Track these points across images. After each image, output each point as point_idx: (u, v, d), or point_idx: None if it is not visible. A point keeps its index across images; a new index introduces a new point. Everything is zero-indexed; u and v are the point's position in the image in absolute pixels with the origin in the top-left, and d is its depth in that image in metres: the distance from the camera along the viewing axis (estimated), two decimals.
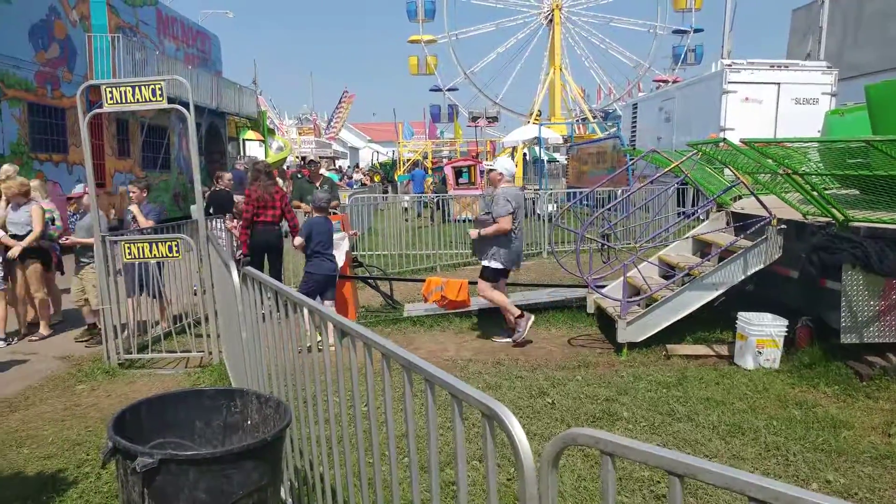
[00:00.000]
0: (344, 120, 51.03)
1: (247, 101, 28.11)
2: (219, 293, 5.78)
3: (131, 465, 2.22)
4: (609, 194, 13.45)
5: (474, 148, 34.75)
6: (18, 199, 7.34)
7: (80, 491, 3.84)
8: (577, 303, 7.89)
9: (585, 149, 20.92)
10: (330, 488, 2.76)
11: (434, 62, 41.48)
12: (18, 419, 5.09)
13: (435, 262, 12.00)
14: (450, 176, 20.43)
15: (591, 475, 3.87)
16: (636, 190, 10.01)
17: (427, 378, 1.89)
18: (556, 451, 1.52)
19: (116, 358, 6.35)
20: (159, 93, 6.04)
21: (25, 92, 15.33)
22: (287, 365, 3.13)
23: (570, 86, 38.26)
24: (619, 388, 5.32)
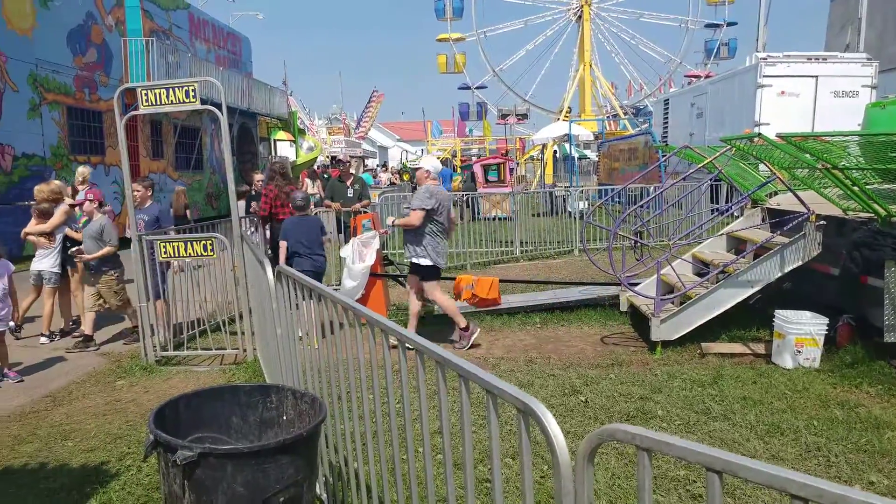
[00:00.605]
0: (373, 119, 51.26)
1: (277, 102, 28.42)
2: (253, 291, 5.86)
3: (172, 458, 2.27)
4: (641, 191, 13.32)
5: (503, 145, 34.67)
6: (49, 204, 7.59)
7: (122, 483, 3.93)
8: (609, 301, 7.82)
9: (616, 145, 20.73)
10: (365, 485, 2.78)
11: (462, 60, 41.43)
12: (63, 413, 5.22)
13: (465, 261, 12.00)
14: (479, 174, 20.40)
15: (625, 473, 3.83)
16: (669, 187, 9.89)
17: (461, 374, 1.89)
18: (593, 447, 1.52)
19: (153, 355, 6.47)
20: (192, 94, 6.14)
21: (64, 96, 15.70)
22: (321, 361, 3.16)
23: (600, 82, 37.92)
24: (652, 387, 5.26)
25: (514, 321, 7.54)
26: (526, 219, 13.91)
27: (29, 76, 14.53)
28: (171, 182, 19.52)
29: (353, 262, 7.74)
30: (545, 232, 13.43)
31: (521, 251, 12.89)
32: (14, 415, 5.22)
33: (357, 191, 10.07)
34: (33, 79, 14.66)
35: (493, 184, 19.97)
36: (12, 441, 4.67)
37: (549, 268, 11.47)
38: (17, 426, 4.97)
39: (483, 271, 10.91)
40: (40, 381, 6.05)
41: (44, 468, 4.20)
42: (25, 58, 14.40)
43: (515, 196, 14.46)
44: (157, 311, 6.77)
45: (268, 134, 29.27)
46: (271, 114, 27.70)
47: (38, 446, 4.56)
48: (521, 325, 7.42)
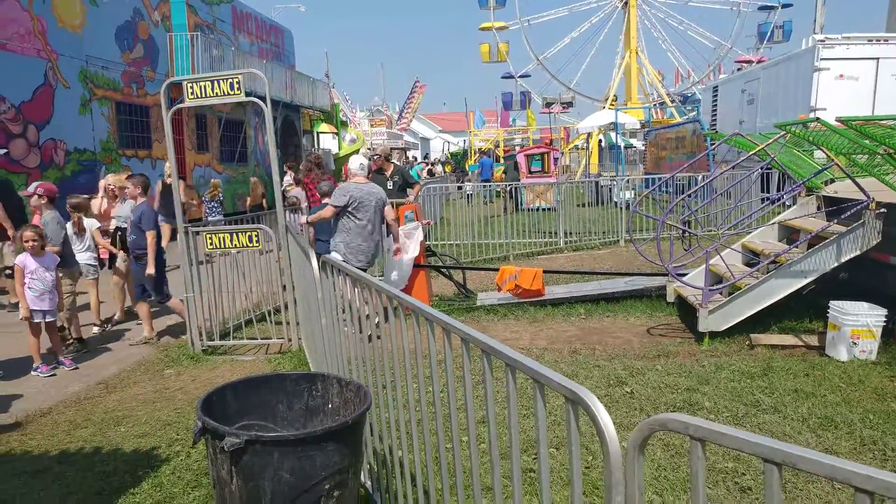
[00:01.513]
0: (415, 110, 51.35)
1: (320, 94, 28.66)
2: (298, 281, 5.92)
3: (220, 445, 2.29)
4: (689, 180, 13.04)
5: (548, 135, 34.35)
6: (124, 195, 7.83)
7: (172, 468, 4.02)
8: (656, 292, 7.67)
9: (663, 134, 20.32)
10: (409, 473, 2.78)
11: (506, 49, 41.06)
12: (115, 400, 5.37)
13: (508, 251, 11.94)
14: (522, 164, 20.26)
15: (671, 465, 3.76)
16: (718, 175, 9.63)
17: (508, 363, 1.86)
18: (644, 437, 1.47)
19: (200, 344, 6.60)
20: (237, 86, 6.21)
21: (113, 91, 16.11)
22: (366, 350, 3.16)
23: (647, 69, 37.15)
24: (700, 378, 5.15)
25: (557, 312, 7.46)
26: (570, 209, 13.75)
27: (79, 73, 14.94)
28: (216, 175, 19.88)
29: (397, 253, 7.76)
30: (590, 222, 13.27)
31: (566, 242, 12.76)
32: (70, 401, 5.38)
33: (397, 182, 10.03)
34: (84, 75, 15.06)
35: (536, 174, 19.80)
36: (69, 426, 4.82)
37: (593, 258, 11.33)
38: (73, 411, 5.12)
39: (526, 262, 10.84)
40: (93, 369, 6.23)
41: (99, 452, 4.32)
42: (76, 55, 14.81)
43: (560, 186, 14.33)
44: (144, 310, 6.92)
45: (311, 126, 29.57)
46: (314, 106, 27.94)
47: (93, 431, 4.70)
48: (566, 316, 7.34)
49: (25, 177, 13.05)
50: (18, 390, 5.70)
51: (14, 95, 13.06)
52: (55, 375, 6.04)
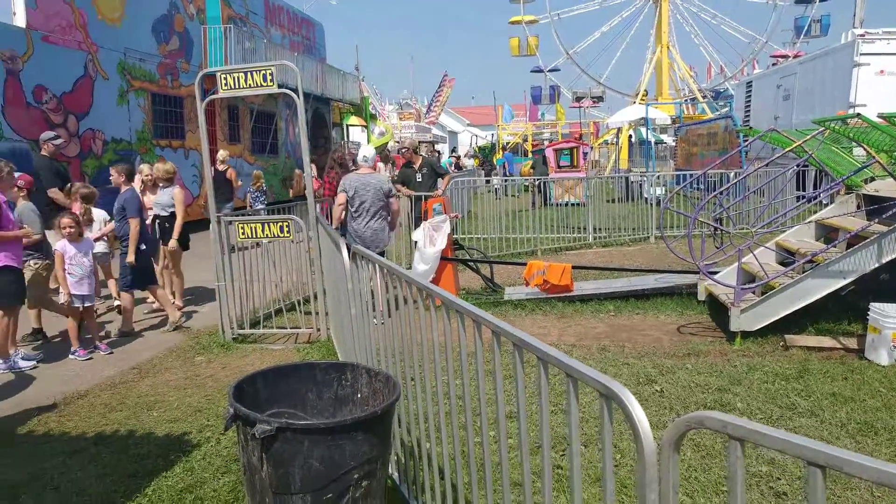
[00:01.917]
0: (444, 104, 51.28)
1: (350, 87, 28.76)
2: (328, 271, 5.95)
3: (251, 432, 2.32)
4: (721, 177, 12.84)
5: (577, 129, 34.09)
6: (163, 183, 7.92)
7: (202, 453, 4.08)
8: (686, 289, 7.58)
9: (695, 130, 20.03)
10: (437, 467, 2.78)
11: (535, 43, 40.78)
12: (148, 385, 5.46)
13: (536, 246, 11.88)
14: (551, 158, 20.13)
15: (703, 466, 3.71)
16: (751, 172, 9.47)
17: (540, 357, 1.85)
18: (679, 434, 1.45)
19: (231, 333, 6.68)
20: (270, 78, 6.25)
21: (149, 83, 16.34)
22: (395, 341, 3.16)
23: (679, 64, 36.61)
24: (731, 378, 5.07)
25: (586, 308, 7.41)
26: (600, 204, 13.64)
27: (118, 65, 15.18)
28: (248, 166, 20.08)
29: (425, 245, 7.78)
30: (620, 218, 13.14)
31: (595, 237, 12.67)
32: (105, 384, 5.49)
33: (426, 174, 10.00)
34: (122, 67, 15.31)
35: (565, 168, 19.66)
36: (104, 409, 4.92)
37: (623, 255, 11.23)
38: (108, 395, 5.23)
39: (555, 257, 10.78)
40: (127, 354, 6.34)
41: (132, 435, 4.40)
42: (115, 47, 15.05)
43: (589, 181, 14.21)
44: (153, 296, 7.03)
45: (340, 119, 29.69)
46: (344, 99, 28.05)
47: (127, 414, 4.79)
48: (594, 312, 7.28)
49: (65, 166, 13.31)
50: (57, 373, 5.83)
51: (56, 86, 13.33)
52: (91, 359, 6.17)
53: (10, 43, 12.26)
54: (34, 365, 5.98)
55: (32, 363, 5.98)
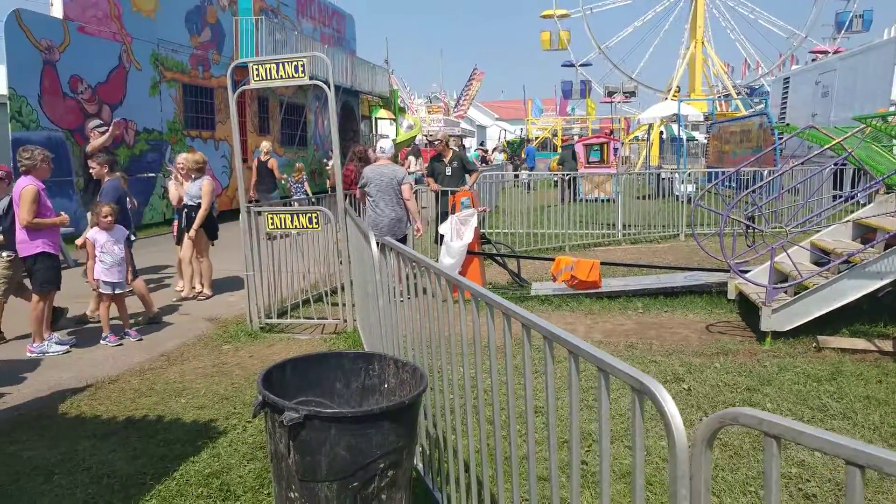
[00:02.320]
0: (473, 98, 51.12)
1: (379, 80, 28.82)
2: (355, 263, 5.97)
3: (279, 419, 2.33)
4: (754, 175, 12.62)
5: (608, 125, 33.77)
6: (195, 174, 8.04)
7: (229, 440, 4.12)
8: (716, 288, 7.47)
9: (728, 127, 19.71)
10: (462, 461, 2.78)
11: (567, 37, 40.49)
12: (176, 372, 5.54)
13: (563, 242, 11.81)
14: (581, 154, 19.97)
15: (730, 466, 3.66)
16: (787, 170, 9.28)
17: (571, 350, 1.83)
18: (713, 431, 1.42)
19: (258, 322, 6.74)
20: (301, 69, 6.27)
21: (181, 74, 16.55)
22: (423, 333, 3.16)
23: (713, 60, 36.05)
24: (761, 378, 4.99)
25: (614, 305, 7.34)
26: (629, 201, 13.50)
27: (151, 55, 15.39)
28: (277, 158, 20.20)
29: (452, 239, 7.77)
30: (650, 215, 13.00)
31: (624, 234, 12.55)
32: (135, 370, 5.58)
33: (456, 168, 9.97)
34: (155, 58, 15.52)
35: (595, 164, 19.50)
36: (134, 394, 5.00)
37: (652, 252, 11.11)
38: (138, 380, 5.31)
39: (583, 253, 10.70)
40: (156, 342, 6.44)
41: (161, 420, 4.47)
42: (148, 38, 15.26)
43: (619, 177, 14.07)
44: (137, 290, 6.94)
45: (369, 112, 29.77)
46: (373, 92, 28.12)
47: (156, 400, 4.86)
48: (622, 309, 7.22)
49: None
50: (89, 358, 5.94)
51: (91, 77, 13.56)
52: (122, 345, 6.27)
53: (47, 33, 12.50)
54: (67, 349, 6.10)
55: (66, 347, 6.11)
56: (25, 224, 5.84)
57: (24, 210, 5.81)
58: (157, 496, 3.47)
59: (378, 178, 7.29)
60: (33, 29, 12.16)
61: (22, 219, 5.82)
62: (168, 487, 3.55)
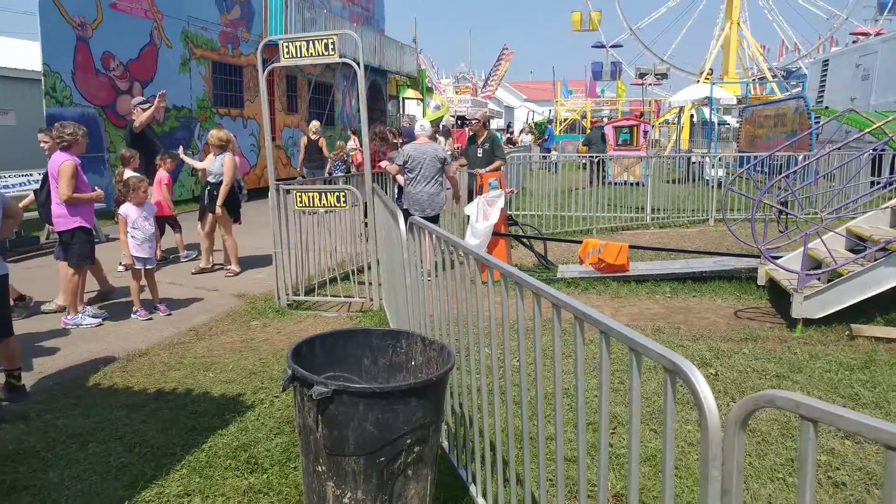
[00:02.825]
0: (501, 78, 50.62)
1: (407, 60, 28.67)
2: (382, 242, 5.99)
3: (308, 393, 2.35)
4: (788, 160, 12.37)
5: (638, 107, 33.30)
6: (216, 150, 8.10)
7: (256, 414, 4.18)
8: (746, 273, 7.37)
9: (761, 111, 19.31)
10: (489, 440, 2.78)
11: (598, 18, 39.87)
12: (205, 347, 5.62)
13: (591, 225, 11.72)
14: (610, 136, 19.74)
15: (757, 452, 3.62)
16: (823, 155, 9.07)
17: (602, 329, 1.81)
18: (747, 412, 1.40)
19: (286, 299, 6.80)
20: (331, 47, 6.26)
21: (210, 51, 16.61)
22: (450, 312, 3.16)
23: (748, 42, 35.22)
24: (791, 366, 4.92)
25: (641, 289, 7.28)
26: (658, 184, 13.33)
27: (181, 33, 15.47)
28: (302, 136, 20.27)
29: (477, 220, 7.74)
30: (679, 199, 12.84)
31: (652, 218, 12.41)
32: (164, 344, 5.67)
33: (487, 151, 9.80)
34: (185, 35, 15.60)
35: (624, 147, 19.26)
36: (164, 367, 5.09)
37: (681, 236, 10.98)
38: (167, 354, 5.40)
39: (610, 237, 10.61)
40: (185, 317, 6.53)
41: (190, 393, 4.55)
42: (179, 16, 15.33)
43: (649, 160, 13.90)
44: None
45: (397, 92, 29.68)
46: (401, 72, 28.00)
47: (185, 374, 4.94)
48: (650, 293, 7.15)
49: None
50: (120, 331, 6.05)
51: (123, 54, 13.69)
52: (151, 320, 6.38)
53: (80, 10, 12.61)
54: (100, 322, 6.21)
55: (98, 321, 6.22)
56: (65, 199, 5.93)
57: (64, 185, 5.89)
58: (187, 466, 3.53)
59: (421, 156, 7.49)
60: (67, 6, 12.28)
61: (62, 193, 5.91)
62: (197, 458, 3.62)
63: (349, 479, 2.41)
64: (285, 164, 19.28)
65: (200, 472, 3.47)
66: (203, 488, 3.31)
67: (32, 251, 9.50)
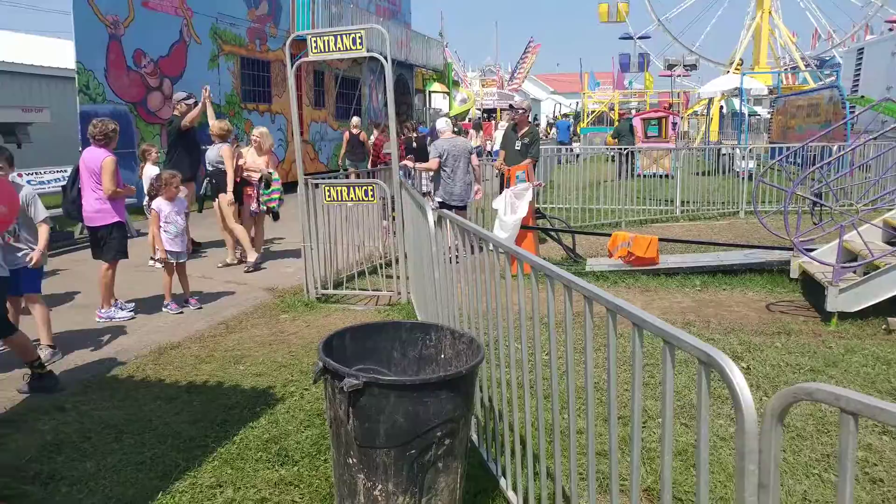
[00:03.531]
0: (528, 71, 50.29)
1: (434, 54, 28.61)
2: (409, 235, 6.00)
3: (339, 385, 2.37)
4: (822, 151, 12.12)
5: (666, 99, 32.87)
6: (217, 139, 8.36)
7: (287, 407, 4.22)
8: (778, 266, 7.24)
9: (794, 101, 18.93)
10: (519, 434, 2.78)
11: (625, 9, 39.44)
12: (235, 340, 5.69)
13: (620, 218, 11.62)
14: (638, 128, 19.53)
15: (792, 448, 3.56)
16: (860, 144, 8.86)
17: (635, 322, 1.79)
18: (784, 405, 1.37)
19: (315, 292, 6.85)
20: (359, 41, 6.27)
21: (238, 47, 16.74)
22: (479, 305, 3.16)
23: (780, 30, 34.51)
24: (826, 360, 4.83)
25: (671, 282, 7.20)
26: (688, 177, 13.16)
27: (210, 29, 15.62)
28: (332, 132, 20.38)
29: (505, 213, 7.71)
30: (708, 191, 12.67)
31: (682, 211, 12.26)
32: (195, 337, 5.75)
33: (524, 146, 9.57)
34: (214, 31, 15.74)
35: (653, 139, 19.03)
36: (195, 360, 5.16)
37: (711, 229, 10.83)
38: (198, 347, 5.48)
39: (639, 230, 10.50)
40: (216, 310, 6.61)
41: (221, 386, 4.60)
42: (208, 12, 15.48)
43: (678, 152, 13.73)
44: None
45: (423, 86, 29.66)
46: (427, 65, 27.96)
47: (216, 366, 5.01)
48: (680, 286, 7.07)
49: (159, 127, 13.89)
50: (152, 325, 6.15)
51: (153, 51, 13.87)
52: (182, 313, 6.46)
53: (114, 9, 12.80)
54: (133, 316, 6.32)
55: (131, 314, 6.33)
56: (110, 194, 6.03)
57: (108, 180, 5.98)
58: (219, 458, 3.58)
59: (454, 149, 8.07)
60: (100, 5, 12.47)
61: (106, 189, 6.01)
62: (229, 450, 3.66)
63: (380, 471, 2.43)
64: (312, 158, 19.40)
65: (232, 464, 3.51)
66: (235, 480, 3.36)
67: (67, 246, 9.69)
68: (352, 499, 2.53)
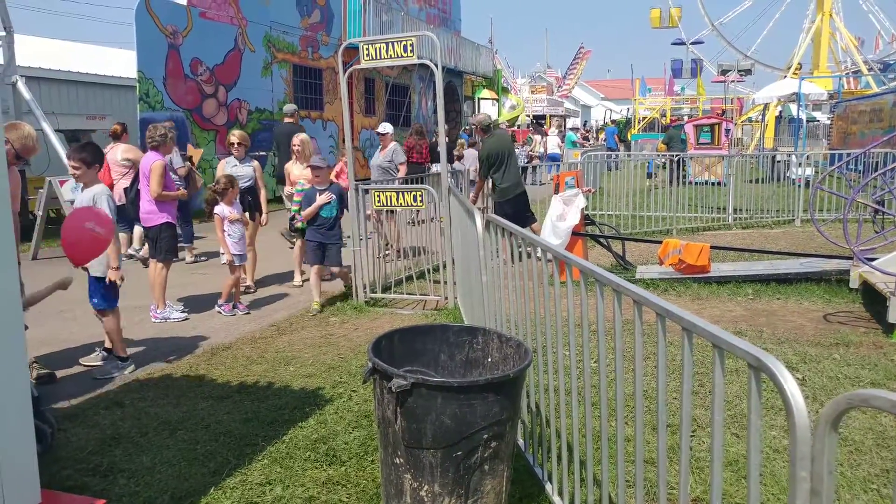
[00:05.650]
0: (578, 77, 49.97)
1: (483, 60, 28.70)
2: (457, 241, 6.03)
3: (387, 386, 2.40)
4: (885, 157, 11.70)
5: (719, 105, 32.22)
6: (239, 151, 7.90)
7: (335, 407, 4.29)
8: (836, 275, 7.02)
9: (855, 106, 18.33)
10: (566, 441, 2.76)
11: (678, 14, 38.84)
12: (285, 341, 5.80)
13: (671, 225, 11.43)
14: (690, 134, 19.19)
15: (850, 462, 3.45)
16: None
17: (685, 326, 1.78)
18: (838, 412, 1.34)
19: (364, 296, 6.94)
20: (410, 49, 6.34)
21: (291, 55, 17.11)
22: (526, 310, 3.16)
23: (842, 34, 33.45)
24: (888, 373, 4.66)
25: (723, 291, 7.05)
26: (741, 184, 12.88)
27: (264, 38, 16.01)
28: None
29: (556, 219, 7.69)
30: (762, 199, 12.36)
31: (735, 218, 12.00)
32: (246, 339, 5.88)
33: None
34: (267, 40, 16.13)
35: (705, 146, 18.68)
36: (246, 361, 5.28)
37: (765, 237, 10.56)
38: (249, 349, 5.60)
39: (691, 237, 10.32)
40: (266, 313, 6.75)
41: (271, 387, 4.70)
42: (262, 21, 15.87)
43: (731, 159, 13.45)
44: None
45: (472, 92, 29.75)
46: (477, 72, 28.06)
47: (266, 368, 5.12)
48: (732, 295, 6.92)
49: (214, 133, 14.30)
50: (205, 326, 6.32)
51: (209, 59, 14.29)
52: (234, 315, 6.62)
53: (173, 19, 13.25)
54: (186, 317, 6.50)
55: (185, 315, 6.51)
56: (156, 195, 6.25)
57: (155, 182, 6.22)
58: (269, 457, 3.66)
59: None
60: (161, 15, 12.93)
61: (152, 190, 6.24)
62: (278, 449, 3.74)
63: (426, 472, 2.45)
64: (362, 164, 19.66)
65: (281, 463, 3.59)
66: (283, 478, 3.43)
67: None
68: (398, 499, 2.56)
